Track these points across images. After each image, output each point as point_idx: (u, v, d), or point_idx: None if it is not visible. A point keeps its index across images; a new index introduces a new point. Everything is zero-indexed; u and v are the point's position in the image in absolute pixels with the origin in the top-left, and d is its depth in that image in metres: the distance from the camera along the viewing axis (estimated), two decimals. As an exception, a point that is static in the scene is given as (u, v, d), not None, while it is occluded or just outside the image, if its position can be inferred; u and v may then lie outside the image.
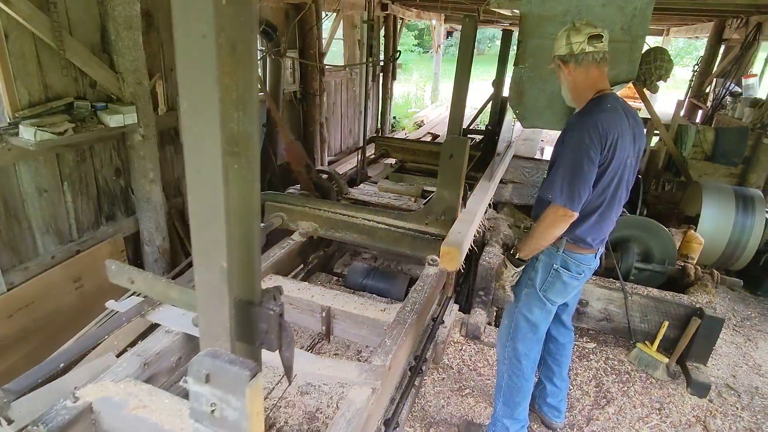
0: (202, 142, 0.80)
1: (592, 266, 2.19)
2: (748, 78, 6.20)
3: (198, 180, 0.83)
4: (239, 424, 0.92)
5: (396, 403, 2.45)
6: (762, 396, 3.03)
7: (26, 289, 2.92)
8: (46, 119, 2.76)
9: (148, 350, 2.06)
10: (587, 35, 1.94)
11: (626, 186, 2.08)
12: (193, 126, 0.80)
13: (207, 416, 0.95)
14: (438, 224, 3.05)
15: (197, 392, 0.94)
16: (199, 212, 0.85)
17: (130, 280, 1.59)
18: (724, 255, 3.98)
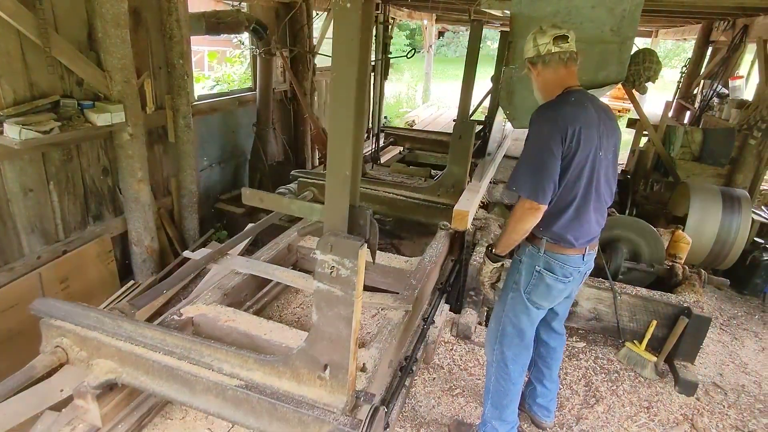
0: (345, 103, 1.37)
1: (581, 269, 2.14)
2: (734, 80, 6.26)
3: (338, 125, 1.40)
4: (350, 279, 1.46)
5: (386, 404, 2.45)
6: (748, 394, 3.07)
7: (11, 290, 2.88)
8: (32, 118, 2.72)
9: (225, 285, 2.64)
10: (552, 36, 2.00)
11: (605, 182, 2.06)
12: (342, 95, 1.36)
13: (327, 276, 1.48)
14: (448, 195, 3.83)
15: (322, 260, 1.46)
16: (336, 141, 1.41)
17: (260, 199, 2.29)
18: (711, 255, 4.03)
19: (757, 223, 4.34)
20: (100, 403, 1.91)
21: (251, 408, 1.77)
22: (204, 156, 4.72)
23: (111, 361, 1.97)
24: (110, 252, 3.56)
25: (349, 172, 1.42)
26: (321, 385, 1.67)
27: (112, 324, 1.94)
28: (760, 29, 5.78)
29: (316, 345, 1.61)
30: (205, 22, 4.09)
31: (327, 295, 1.51)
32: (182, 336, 1.90)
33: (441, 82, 19.47)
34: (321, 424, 1.65)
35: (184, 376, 1.85)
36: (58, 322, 2.04)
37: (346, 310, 1.51)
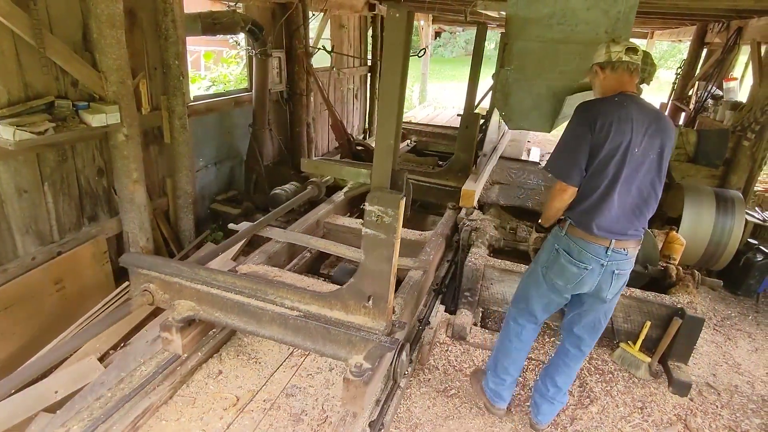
0: (390, 93, 1.88)
1: (602, 263, 2.16)
2: (728, 81, 6.29)
3: (386, 109, 1.90)
4: (392, 225, 1.89)
5: (381, 405, 2.46)
6: (741, 394, 3.09)
7: (5, 292, 2.87)
8: (26, 118, 2.71)
9: (268, 251, 3.19)
10: (625, 47, 2.19)
11: (644, 180, 2.13)
12: (389, 89, 1.89)
13: (373, 224, 1.91)
14: (456, 179, 4.46)
15: (370, 210, 1.89)
16: (384, 120, 1.91)
17: (315, 167, 3.85)
18: (705, 256, 4.05)
19: (751, 224, 4.37)
20: (182, 335, 2.33)
21: (309, 333, 2.20)
22: (200, 157, 4.71)
23: (190, 301, 2.38)
24: (105, 253, 3.54)
25: (393, 142, 1.88)
26: (365, 313, 2.11)
27: (190, 271, 2.35)
28: (754, 31, 5.82)
29: (363, 279, 2.04)
30: (201, 23, 4.09)
31: (372, 238, 1.93)
32: (250, 278, 2.35)
33: (437, 83, 19.49)
34: (366, 343, 2.08)
35: (252, 310, 2.26)
36: (145, 271, 2.44)
37: (388, 251, 1.93)
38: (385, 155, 1.90)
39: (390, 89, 1.85)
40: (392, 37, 1.76)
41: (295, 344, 2.24)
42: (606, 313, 2.40)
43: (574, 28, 3.47)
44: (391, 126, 1.87)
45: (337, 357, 2.16)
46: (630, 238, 2.18)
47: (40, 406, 2.47)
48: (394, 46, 1.77)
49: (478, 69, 4.50)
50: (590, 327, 2.41)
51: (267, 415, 2.53)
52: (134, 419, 2.28)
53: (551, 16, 3.48)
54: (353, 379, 1.91)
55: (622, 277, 2.25)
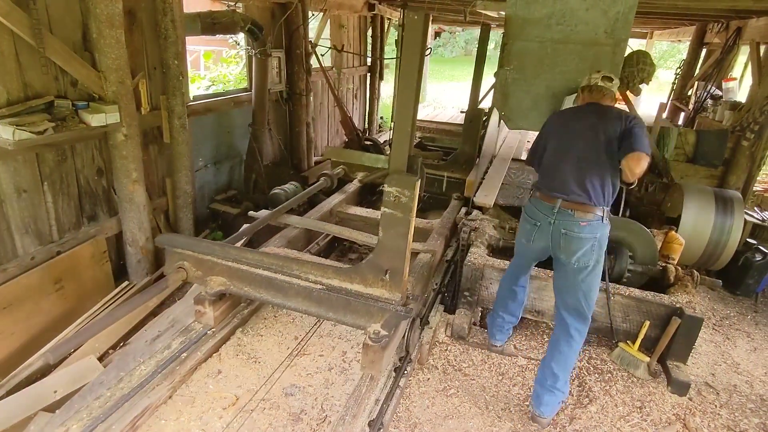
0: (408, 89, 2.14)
1: (550, 219, 2.59)
2: (728, 81, 6.30)
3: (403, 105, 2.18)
4: (408, 204, 2.05)
5: (381, 404, 2.46)
6: (740, 394, 3.10)
7: (5, 291, 2.87)
8: (26, 118, 2.71)
9: (287, 235, 3.49)
10: (602, 76, 2.75)
11: (581, 153, 2.58)
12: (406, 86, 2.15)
13: (391, 203, 2.07)
14: (461, 171, 4.74)
15: (388, 191, 2.06)
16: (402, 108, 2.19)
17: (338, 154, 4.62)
18: (704, 255, 4.06)
19: (750, 224, 4.38)
20: (213, 308, 2.61)
21: (331, 304, 2.43)
22: (199, 156, 4.71)
23: (222, 276, 2.60)
24: (105, 253, 3.55)
25: (409, 129, 2.11)
26: (382, 286, 2.31)
27: (221, 250, 2.57)
28: (753, 32, 5.83)
29: (381, 255, 2.24)
30: (200, 23, 4.09)
31: (390, 217, 2.11)
32: (276, 255, 2.59)
33: (437, 83, 19.49)
34: (383, 312, 2.30)
35: (279, 284, 2.51)
36: (179, 250, 2.65)
37: (404, 228, 2.11)
38: (402, 141, 2.13)
39: (408, 82, 2.06)
40: (411, 37, 2.00)
41: (319, 315, 2.46)
42: (585, 294, 2.60)
43: (574, 28, 3.47)
44: (408, 116, 2.11)
45: (357, 325, 2.37)
46: (576, 200, 2.54)
47: (39, 406, 2.47)
48: (412, 45, 1.99)
49: (481, 67, 4.80)
50: (573, 309, 2.63)
51: (266, 414, 2.53)
52: (133, 419, 2.28)
53: (550, 17, 3.49)
54: (372, 344, 2.12)
55: (573, 239, 2.54)
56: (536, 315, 3.35)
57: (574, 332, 2.61)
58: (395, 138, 2.15)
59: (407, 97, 2.06)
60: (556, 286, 2.72)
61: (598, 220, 2.52)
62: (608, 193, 2.56)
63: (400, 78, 2.11)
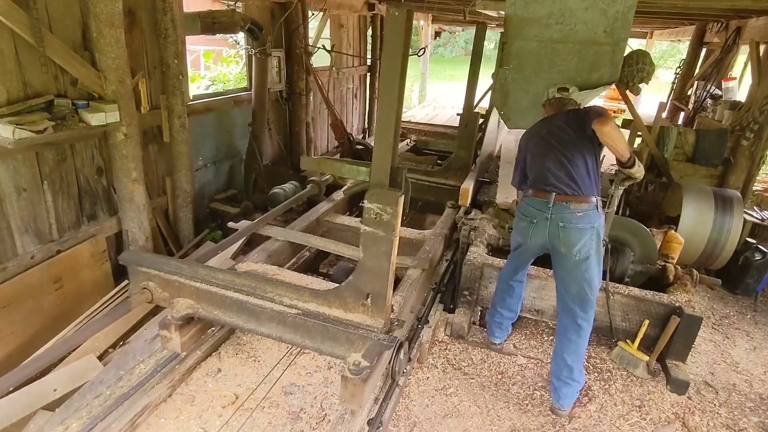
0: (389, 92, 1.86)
1: (546, 215, 2.64)
2: (727, 81, 6.29)
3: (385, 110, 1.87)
4: (391, 222, 1.87)
5: (380, 403, 2.46)
6: (739, 393, 3.10)
7: (4, 290, 2.87)
8: (25, 117, 2.71)
9: (268, 248, 3.27)
10: (557, 87, 2.96)
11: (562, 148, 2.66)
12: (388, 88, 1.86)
13: (372, 221, 1.89)
14: (456, 177, 4.52)
15: (369, 208, 1.87)
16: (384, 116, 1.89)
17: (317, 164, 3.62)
18: (703, 255, 4.06)
19: (749, 223, 4.37)
20: (180, 333, 2.29)
21: (307, 331, 2.18)
22: (199, 156, 4.71)
23: (189, 299, 2.34)
24: (104, 252, 3.55)
25: (392, 139, 1.88)
26: (363, 311, 2.09)
27: (189, 269, 2.31)
28: (753, 31, 5.83)
29: (362, 277, 2.03)
30: (200, 22, 4.09)
31: (372, 235, 1.92)
32: (249, 276, 2.31)
33: (437, 83, 19.49)
34: (364, 341, 2.06)
35: (251, 308, 2.24)
36: (144, 269, 2.38)
37: (387, 248, 1.92)
38: (384, 153, 1.90)
39: (389, 88, 1.85)
40: (392, 36, 1.77)
41: (294, 342, 2.22)
42: (588, 280, 2.62)
43: (573, 27, 3.47)
44: (390, 124, 1.87)
45: (336, 355, 2.14)
46: (568, 192, 2.60)
47: (39, 404, 2.47)
48: (393, 45, 1.77)
49: (477, 68, 4.52)
50: (578, 297, 2.65)
51: (266, 413, 2.54)
52: (133, 417, 2.28)
53: (549, 16, 3.48)
54: (351, 377, 1.90)
55: (572, 230, 2.58)
56: (536, 314, 3.36)
57: (581, 321, 2.64)
58: (376, 148, 1.92)
59: (389, 103, 1.85)
60: (559, 278, 2.75)
61: (593, 209, 2.60)
62: (596, 182, 2.67)
63: (381, 82, 1.90)
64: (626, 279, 3.38)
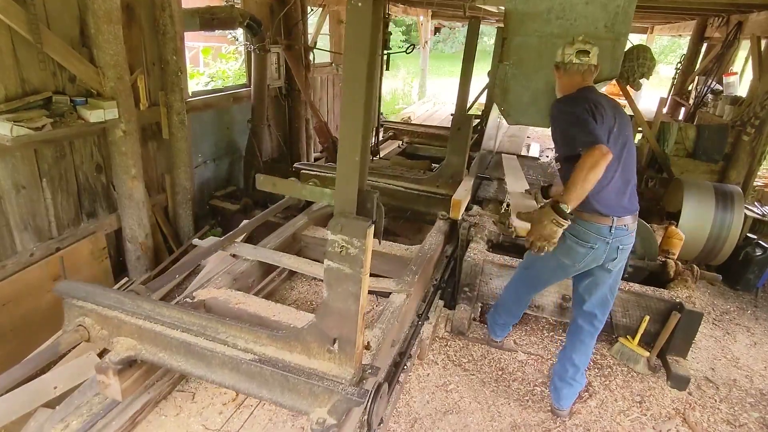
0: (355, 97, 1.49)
1: (608, 240, 2.32)
2: (728, 76, 6.28)
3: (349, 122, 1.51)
4: (358, 257, 1.57)
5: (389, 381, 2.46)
6: (739, 388, 3.10)
7: (4, 288, 2.87)
8: (23, 114, 2.70)
9: (234, 271, 2.80)
10: (576, 49, 2.40)
11: (625, 156, 2.32)
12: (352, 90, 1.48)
13: (337, 255, 1.59)
14: (447, 186, 4.02)
15: (333, 240, 1.58)
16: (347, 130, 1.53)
17: (273, 184, 2.44)
18: (704, 250, 4.05)
19: (750, 218, 4.37)
20: (120, 378, 1.99)
21: (264, 381, 1.86)
22: (198, 153, 4.70)
23: (131, 338, 2.04)
24: (104, 249, 3.54)
25: (359, 158, 1.54)
26: (330, 359, 1.79)
27: (132, 304, 2.02)
28: (754, 26, 5.80)
29: (326, 320, 1.74)
30: (198, 18, 4.07)
31: (337, 272, 1.64)
32: (199, 314, 2.02)
33: (437, 79, 19.45)
34: (330, 394, 1.75)
35: (200, 351, 1.94)
36: (81, 302, 2.07)
37: (355, 287, 1.63)
38: (349, 174, 1.56)
39: (353, 95, 1.48)
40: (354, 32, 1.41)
41: (250, 393, 1.92)
42: (612, 289, 2.55)
43: (573, 22, 3.44)
44: (356, 139, 1.52)
45: (297, 409, 1.84)
46: (628, 213, 2.36)
47: (39, 402, 2.46)
48: (356, 44, 1.42)
49: (470, 66, 4.10)
50: (600, 303, 2.56)
51: (266, 410, 2.53)
52: (133, 414, 2.27)
53: (550, 11, 3.46)
54: None
55: (627, 250, 2.44)
56: (536, 310, 3.35)
57: (598, 323, 2.61)
58: (340, 169, 1.57)
59: (354, 113, 1.49)
60: (587, 286, 2.57)
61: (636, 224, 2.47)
62: None
63: (344, 87, 1.52)
64: (624, 275, 3.37)
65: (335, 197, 1.64)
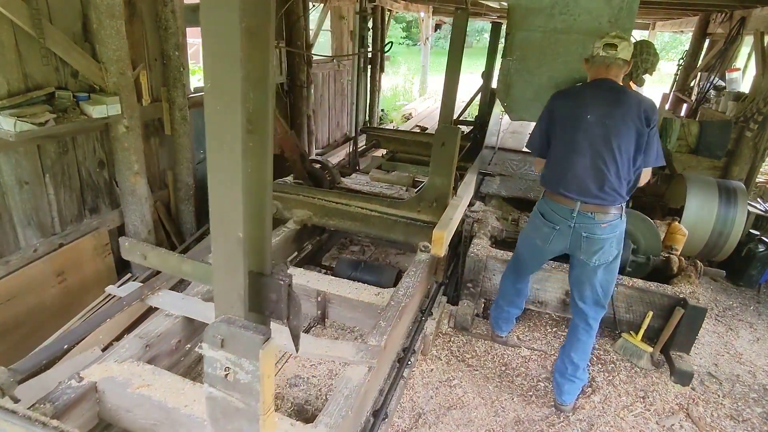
0: (225, 120, 0.93)
1: (570, 223, 2.45)
2: (731, 72, 6.26)
3: (219, 155, 0.96)
4: (252, 386, 1.04)
5: (385, 394, 2.46)
6: (742, 383, 3.10)
7: (7, 284, 2.87)
8: (26, 109, 2.69)
9: (149, 333, 2.15)
10: (604, 43, 2.39)
11: (598, 145, 2.35)
12: (216, 105, 0.93)
13: (221, 380, 1.08)
14: (430, 211, 3.27)
15: (212, 357, 1.06)
16: (219, 186, 0.98)
17: (143, 255, 1.72)
18: (707, 246, 4.05)
19: (753, 215, 4.36)
20: None
21: None
22: (200, 149, 4.69)
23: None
24: (107, 245, 3.54)
25: (243, 234, 0.97)
26: None
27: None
28: (757, 21, 5.78)
29: None
30: (200, 14, 4.05)
31: (222, 404, 1.11)
32: None
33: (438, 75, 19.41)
34: None
35: None
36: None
37: (251, 427, 1.11)
38: (232, 258, 1.00)
39: (223, 131, 0.96)
40: (215, 29, 0.88)
41: None
42: (602, 286, 2.55)
43: (577, 18, 3.44)
44: (236, 201, 0.96)
45: None
46: (595, 201, 2.39)
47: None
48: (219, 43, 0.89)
49: (457, 67, 3.21)
50: (591, 300, 2.59)
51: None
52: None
53: (553, 6, 3.45)
54: None
55: (595, 241, 2.43)
56: (539, 306, 3.35)
57: (592, 321, 2.61)
58: (216, 248, 1.05)
59: (230, 157, 0.97)
60: (573, 280, 2.65)
61: (617, 219, 2.44)
62: (626, 188, 2.44)
63: (207, 116, 1.01)
64: (627, 269, 3.37)
65: (215, 292, 1.10)
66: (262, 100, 0.94)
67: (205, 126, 0.97)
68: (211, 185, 0.99)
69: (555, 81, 3.63)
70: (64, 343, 2.11)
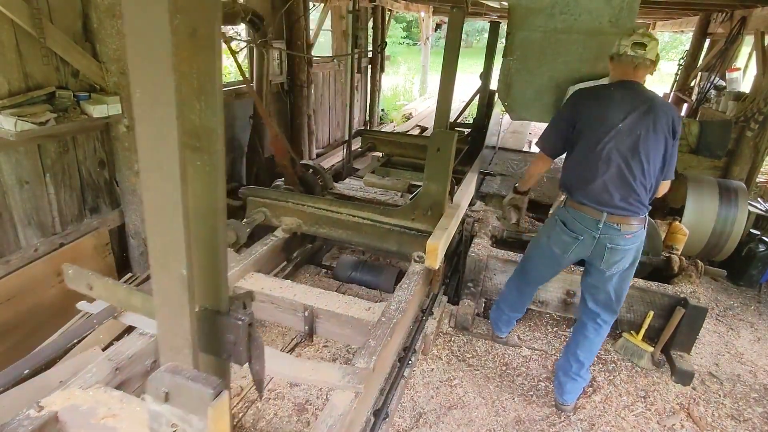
0: (158, 134, 0.73)
1: (594, 234, 2.33)
2: (732, 72, 6.25)
3: (153, 177, 0.75)
4: None
5: (386, 394, 2.46)
6: (743, 383, 3.10)
7: (7, 283, 2.86)
8: (27, 109, 2.69)
9: (120, 354, 1.96)
10: (632, 41, 2.27)
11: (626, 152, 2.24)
12: (148, 117, 0.74)
13: None
14: (425, 220, 3.12)
15: (156, 412, 0.89)
16: (155, 213, 0.78)
17: (88, 285, 1.51)
18: (708, 246, 4.04)
19: (754, 214, 4.35)
20: None
21: None
22: (201, 148, 4.69)
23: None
24: (107, 245, 3.54)
25: (186, 271, 0.81)
26: None
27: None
28: (758, 21, 5.78)
29: None
30: (200, 13, 4.05)
31: None
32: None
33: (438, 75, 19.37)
34: None
35: None
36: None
37: None
38: (176, 296, 0.86)
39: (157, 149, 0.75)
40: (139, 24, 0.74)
41: None
42: (616, 291, 2.50)
43: (577, 17, 3.44)
44: (176, 233, 0.78)
45: None
46: (621, 213, 2.29)
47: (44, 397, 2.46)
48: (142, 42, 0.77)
49: (453, 68, 3.16)
50: (603, 304, 2.55)
51: (271, 404, 2.54)
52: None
53: (554, 6, 3.45)
54: None
55: (618, 251, 2.35)
56: (540, 306, 3.35)
57: (602, 322, 2.58)
58: (156, 283, 0.89)
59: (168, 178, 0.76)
60: (587, 286, 2.59)
61: (641, 229, 2.37)
62: (651, 196, 2.37)
63: (138, 131, 0.78)
64: None
65: (159, 338, 0.94)
66: (211, 112, 0.78)
67: (136, 142, 0.76)
68: (147, 213, 0.79)
69: (555, 81, 3.63)
70: (25, 367, 1.94)
